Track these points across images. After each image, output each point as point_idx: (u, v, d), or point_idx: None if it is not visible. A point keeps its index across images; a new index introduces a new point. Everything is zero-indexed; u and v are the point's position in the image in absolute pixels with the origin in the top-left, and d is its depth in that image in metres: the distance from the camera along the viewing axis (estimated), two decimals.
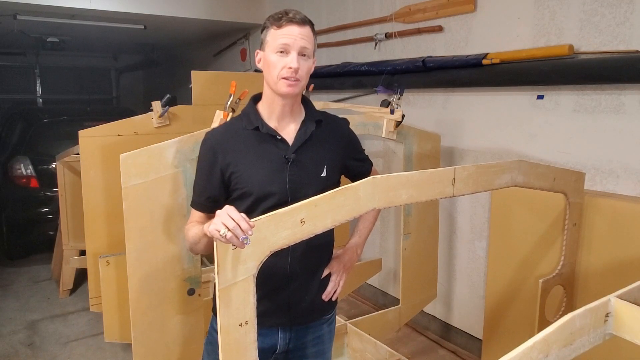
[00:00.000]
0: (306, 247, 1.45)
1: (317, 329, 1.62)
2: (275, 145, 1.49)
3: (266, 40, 1.47)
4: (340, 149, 1.61)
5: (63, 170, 3.82)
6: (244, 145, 1.48)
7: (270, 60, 1.44)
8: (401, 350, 3.10)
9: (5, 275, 4.70)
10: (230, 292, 1.20)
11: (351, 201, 1.32)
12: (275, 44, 1.43)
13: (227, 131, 1.52)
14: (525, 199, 2.39)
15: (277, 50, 1.43)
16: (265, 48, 1.47)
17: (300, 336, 1.58)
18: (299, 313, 1.56)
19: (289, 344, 1.56)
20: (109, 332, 2.50)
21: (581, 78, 2.49)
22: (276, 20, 1.43)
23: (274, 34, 1.44)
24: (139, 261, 2.01)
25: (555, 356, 0.98)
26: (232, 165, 1.46)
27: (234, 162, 1.46)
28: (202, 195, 1.50)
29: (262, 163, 1.47)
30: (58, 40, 6.51)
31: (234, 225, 1.12)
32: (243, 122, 1.51)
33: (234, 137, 1.49)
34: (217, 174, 1.47)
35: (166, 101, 2.61)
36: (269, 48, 1.45)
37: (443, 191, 1.51)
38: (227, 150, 1.47)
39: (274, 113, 1.50)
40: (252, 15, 5.42)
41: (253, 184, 1.45)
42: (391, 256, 3.91)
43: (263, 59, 1.49)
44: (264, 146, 1.48)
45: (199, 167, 1.52)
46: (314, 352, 1.61)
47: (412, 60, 3.38)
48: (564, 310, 2.17)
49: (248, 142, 1.48)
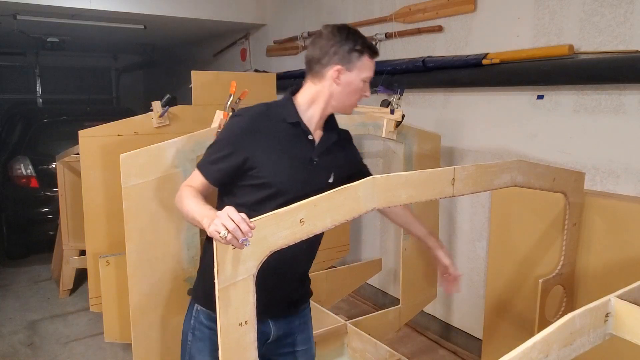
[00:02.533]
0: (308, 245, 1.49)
1: (302, 316, 1.73)
2: (305, 144, 1.54)
3: (357, 65, 1.52)
4: (347, 158, 1.70)
5: (63, 170, 3.82)
6: (274, 137, 1.50)
7: (356, 85, 1.54)
8: (401, 350, 3.10)
9: (5, 275, 4.70)
10: (230, 292, 1.20)
11: (350, 201, 1.32)
12: (365, 74, 1.53)
13: (262, 117, 1.52)
14: (525, 199, 2.39)
15: (365, 79, 1.54)
16: (353, 70, 1.52)
17: (290, 323, 1.67)
18: (292, 305, 1.68)
19: (279, 332, 1.64)
20: (109, 332, 2.50)
21: (581, 78, 2.49)
22: (372, 50, 1.53)
23: (368, 64, 1.53)
24: (139, 261, 2.01)
25: (555, 356, 0.98)
26: (258, 155, 1.47)
27: (261, 152, 1.47)
28: (215, 164, 1.49)
29: (289, 160, 1.50)
30: (58, 40, 6.50)
31: (234, 227, 1.12)
32: (280, 112, 1.53)
33: (267, 125, 1.50)
34: (239, 158, 1.46)
35: (166, 101, 2.61)
36: (358, 72, 1.52)
37: (443, 191, 1.51)
38: (258, 139, 1.47)
39: (314, 117, 1.56)
40: (252, 15, 5.42)
41: (276, 178, 1.48)
42: (391, 256, 3.91)
43: (346, 78, 1.52)
44: (294, 142, 1.52)
45: (224, 138, 1.51)
46: (302, 338, 1.70)
47: (412, 60, 3.38)
48: (564, 310, 2.17)
49: (279, 134, 1.51)
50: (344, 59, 1.50)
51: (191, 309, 1.65)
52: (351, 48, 1.50)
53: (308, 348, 1.74)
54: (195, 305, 1.63)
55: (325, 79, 1.52)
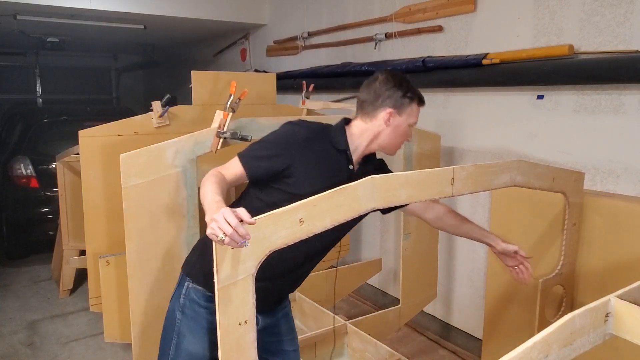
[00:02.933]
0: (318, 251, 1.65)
1: (285, 307, 1.83)
2: (344, 172, 1.63)
3: (407, 111, 1.65)
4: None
5: (63, 170, 3.81)
6: (319, 156, 1.58)
7: (403, 129, 1.67)
8: (401, 350, 3.10)
9: (5, 275, 4.70)
10: (229, 292, 1.20)
11: (350, 201, 1.32)
12: (412, 120, 1.68)
13: (317, 135, 1.61)
14: (525, 198, 2.39)
15: (411, 124, 1.68)
16: (403, 115, 1.65)
17: (275, 314, 1.77)
18: (280, 302, 1.79)
19: (266, 323, 1.71)
20: (109, 332, 2.50)
21: (581, 78, 2.48)
22: (421, 99, 1.68)
23: (416, 110, 1.68)
24: (139, 261, 2.01)
25: (555, 356, 0.98)
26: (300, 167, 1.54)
27: (303, 166, 1.54)
28: (259, 160, 1.54)
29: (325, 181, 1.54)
30: (58, 40, 6.50)
31: (232, 232, 1.13)
32: (332, 136, 1.64)
33: (318, 144, 1.60)
34: (283, 164, 1.52)
35: (166, 101, 2.61)
36: (406, 118, 1.66)
37: (442, 191, 1.51)
38: (305, 153, 1.55)
39: (358, 150, 1.67)
40: (252, 15, 5.42)
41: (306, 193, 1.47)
42: (391, 256, 3.91)
43: (395, 121, 1.65)
44: (335, 167, 1.62)
45: (275, 140, 1.57)
46: (286, 328, 1.80)
47: (412, 60, 3.38)
48: (564, 310, 2.17)
49: (325, 155, 1.60)
50: (397, 104, 1.63)
51: (181, 287, 1.66)
52: (404, 94, 1.63)
53: (293, 337, 1.83)
54: (187, 283, 1.64)
55: (377, 120, 1.64)
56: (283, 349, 1.79)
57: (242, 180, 1.56)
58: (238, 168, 1.53)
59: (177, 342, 1.64)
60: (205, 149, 2.06)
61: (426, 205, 1.87)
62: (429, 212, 1.88)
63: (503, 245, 1.80)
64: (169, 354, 1.65)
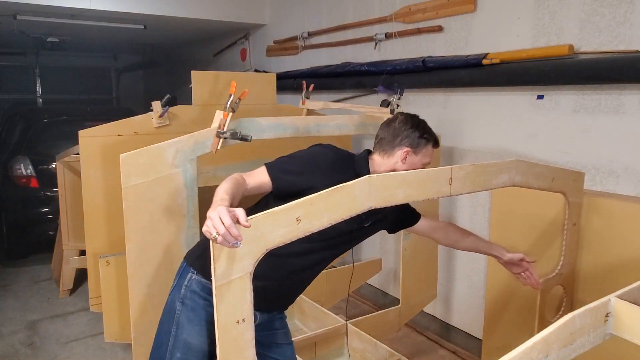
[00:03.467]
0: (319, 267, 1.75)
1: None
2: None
3: (422, 151, 1.77)
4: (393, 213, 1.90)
5: (63, 170, 3.81)
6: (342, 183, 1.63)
7: (417, 168, 1.76)
8: (401, 350, 3.10)
9: (5, 275, 4.70)
10: (226, 290, 1.20)
11: (347, 200, 1.32)
12: (426, 160, 1.79)
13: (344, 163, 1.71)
14: (525, 199, 2.39)
15: (424, 164, 1.79)
16: (419, 154, 1.77)
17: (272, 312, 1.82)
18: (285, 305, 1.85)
19: (263, 319, 1.75)
20: (109, 332, 2.50)
21: (581, 78, 2.48)
22: (436, 141, 1.81)
23: (429, 151, 1.79)
24: (139, 261, 2.01)
25: (555, 356, 0.98)
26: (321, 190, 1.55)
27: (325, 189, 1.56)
28: (286, 174, 1.61)
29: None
30: (58, 40, 6.50)
31: (225, 231, 1.13)
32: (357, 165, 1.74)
33: (343, 171, 1.67)
34: (306, 183, 1.56)
35: (166, 101, 2.61)
36: (421, 158, 1.77)
37: (440, 190, 1.51)
38: (329, 177, 1.57)
39: None
40: (252, 15, 5.42)
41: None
42: (391, 256, 3.91)
43: (411, 160, 1.76)
44: None
45: (305, 159, 1.66)
46: (279, 323, 1.85)
47: (412, 60, 3.38)
48: (564, 310, 2.17)
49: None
50: (413, 143, 1.74)
51: (183, 278, 1.67)
52: (421, 135, 1.75)
53: (286, 331, 1.89)
54: (190, 274, 1.65)
55: (394, 157, 1.75)
56: (277, 342, 1.83)
57: (264, 190, 1.61)
58: (264, 177, 1.59)
59: (175, 333, 1.64)
60: (205, 149, 2.07)
61: (432, 226, 2.01)
62: (437, 232, 2.03)
63: (509, 256, 1.91)
64: (167, 345, 1.64)
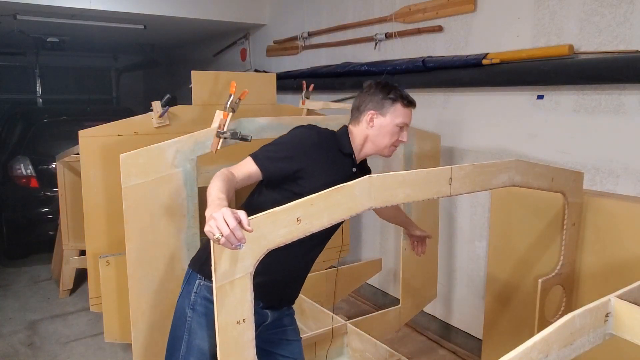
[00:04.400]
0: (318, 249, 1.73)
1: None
2: (349, 176, 1.69)
3: (390, 110, 1.74)
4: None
5: (63, 170, 3.81)
6: (328, 160, 1.68)
7: (390, 129, 1.74)
8: (401, 350, 3.10)
9: (5, 275, 4.70)
10: (227, 290, 1.20)
11: (347, 200, 1.32)
12: (399, 120, 1.74)
13: (327, 140, 1.72)
14: (525, 199, 2.39)
15: (399, 124, 1.74)
16: (387, 115, 1.74)
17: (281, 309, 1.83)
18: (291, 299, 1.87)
19: (274, 317, 1.78)
20: (109, 332, 2.50)
21: (581, 78, 2.48)
22: (404, 99, 1.74)
23: (401, 111, 1.74)
24: (139, 261, 2.01)
25: (555, 356, 0.98)
26: (310, 170, 1.62)
27: (313, 169, 1.62)
28: (274, 161, 1.61)
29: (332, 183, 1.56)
30: (58, 40, 6.50)
31: (229, 233, 1.13)
32: (339, 141, 1.75)
33: (328, 148, 1.70)
34: (295, 166, 1.60)
35: (166, 101, 2.61)
36: (390, 118, 1.74)
37: (440, 190, 1.51)
38: (316, 157, 1.64)
39: (355, 153, 1.78)
40: (252, 15, 5.42)
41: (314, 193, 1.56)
42: (391, 256, 3.91)
43: (379, 123, 1.74)
44: (341, 170, 1.70)
45: (289, 143, 1.65)
46: (288, 320, 1.87)
47: (412, 60, 3.38)
48: (563, 310, 2.17)
49: (333, 159, 1.70)
50: (378, 105, 1.73)
51: (191, 285, 1.67)
52: (384, 96, 1.73)
53: (295, 328, 1.90)
54: (198, 281, 1.66)
55: (362, 123, 1.76)
56: (287, 339, 1.84)
57: (254, 180, 1.61)
58: (252, 168, 1.58)
59: (188, 339, 1.64)
60: (205, 149, 2.07)
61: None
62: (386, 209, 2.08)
63: (418, 233, 2.16)
64: (180, 351, 1.65)
